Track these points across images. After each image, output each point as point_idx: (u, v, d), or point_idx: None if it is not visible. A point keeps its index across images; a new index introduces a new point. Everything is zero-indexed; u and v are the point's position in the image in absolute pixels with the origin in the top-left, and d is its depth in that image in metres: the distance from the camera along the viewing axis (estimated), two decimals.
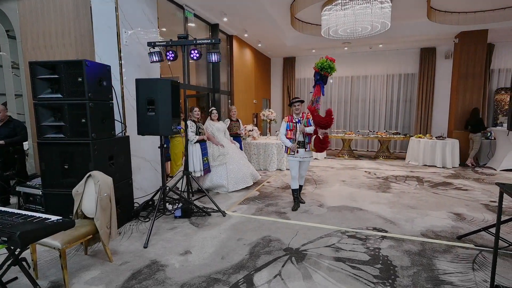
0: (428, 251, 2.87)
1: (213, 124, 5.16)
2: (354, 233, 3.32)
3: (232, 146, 5.28)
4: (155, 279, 2.42)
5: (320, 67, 4.04)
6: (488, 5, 6.31)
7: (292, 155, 4.04)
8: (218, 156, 4.96)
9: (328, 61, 4.04)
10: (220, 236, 3.25)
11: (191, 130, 4.59)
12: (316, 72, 4.13)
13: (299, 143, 4.01)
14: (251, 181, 5.24)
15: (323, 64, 4.02)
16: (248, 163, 5.44)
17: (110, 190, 2.67)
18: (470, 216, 3.82)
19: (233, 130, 5.94)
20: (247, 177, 5.14)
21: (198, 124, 4.77)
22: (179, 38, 3.80)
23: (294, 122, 4.06)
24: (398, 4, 5.99)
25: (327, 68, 4.03)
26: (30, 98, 4.95)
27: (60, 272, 2.51)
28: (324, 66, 4.02)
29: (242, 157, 5.35)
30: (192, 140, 4.58)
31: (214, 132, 5.12)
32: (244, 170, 5.12)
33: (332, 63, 4.07)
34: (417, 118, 9.25)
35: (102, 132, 3.17)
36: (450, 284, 2.33)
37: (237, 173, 5.01)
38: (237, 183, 4.99)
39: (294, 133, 4.02)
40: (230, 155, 5.04)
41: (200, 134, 4.73)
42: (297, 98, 4.11)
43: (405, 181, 5.79)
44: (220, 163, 4.95)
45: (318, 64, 4.07)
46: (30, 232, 1.71)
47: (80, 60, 2.90)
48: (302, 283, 2.35)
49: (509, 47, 8.14)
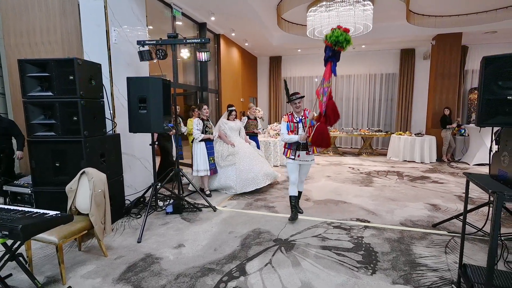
0: (406, 238, 3.11)
1: (226, 122, 4.96)
2: (339, 224, 3.53)
3: (245, 146, 5.01)
4: (150, 271, 2.51)
5: (335, 41, 3.06)
6: (462, 9, 6.72)
7: (291, 158, 3.58)
8: (227, 156, 4.76)
9: (344, 32, 3.08)
10: (212, 230, 3.36)
11: (197, 128, 4.47)
12: (327, 47, 3.17)
13: (300, 146, 3.54)
14: (264, 182, 4.80)
15: (338, 37, 3.04)
16: (262, 162, 5.03)
17: (104, 186, 2.73)
18: (444, 207, 4.12)
19: (250, 129, 5.73)
20: (259, 178, 4.75)
21: (206, 122, 4.58)
22: (168, 37, 3.86)
23: (295, 122, 3.55)
24: (380, 7, 6.26)
25: (342, 42, 3.07)
26: (15, 96, 4.86)
27: (55, 268, 2.56)
28: (339, 40, 3.06)
29: (256, 157, 4.97)
30: (197, 138, 4.48)
31: (227, 131, 4.92)
32: (256, 170, 4.76)
33: (348, 35, 3.11)
34: (398, 116, 9.66)
35: (93, 130, 3.20)
36: (425, 266, 2.56)
37: (247, 173, 4.71)
38: (246, 185, 4.69)
39: (296, 134, 3.53)
40: (241, 155, 4.80)
41: (207, 133, 4.55)
42: (297, 94, 3.54)
43: (386, 175, 6.09)
44: (229, 163, 4.76)
45: (331, 37, 3.06)
46: (32, 226, 1.77)
47: (72, 58, 2.93)
48: (291, 269, 2.51)
49: (482, 49, 8.65)
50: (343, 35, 3.03)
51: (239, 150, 4.83)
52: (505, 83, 2.58)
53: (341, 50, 3.14)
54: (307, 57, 10.32)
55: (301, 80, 10.66)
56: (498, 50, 8.36)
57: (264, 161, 5.14)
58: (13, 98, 4.93)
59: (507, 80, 2.54)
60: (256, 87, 11.13)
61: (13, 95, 4.92)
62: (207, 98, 7.02)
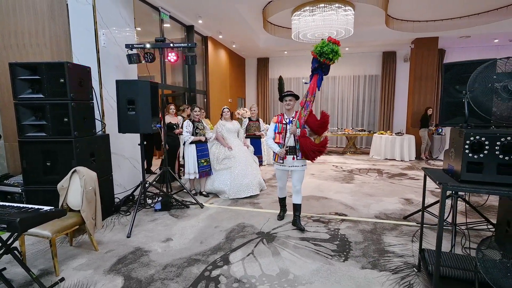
0: (379, 229, 3.38)
1: (224, 124, 4.80)
2: (319, 217, 3.77)
3: (242, 149, 4.82)
4: (140, 263, 2.68)
5: (320, 52, 2.97)
6: (438, 15, 7.11)
7: (279, 164, 3.38)
8: (223, 159, 4.62)
9: (330, 43, 2.96)
10: (199, 225, 3.55)
11: (187, 130, 4.43)
12: (314, 59, 3.09)
13: (289, 149, 3.30)
14: (257, 190, 4.71)
15: (323, 48, 2.95)
16: (257, 170, 4.89)
17: (94, 184, 2.88)
18: (417, 201, 4.43)
19: (251, 131, 5.36)
20: (253, 185, 4.62)
21: (197, 124, 4.52)
22: (156, 41, 4.01)
23: (284, 123, 3.32)
24: (360, 12, 6.56)
25: (328, 54, 2.95)
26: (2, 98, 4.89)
27: (47, 262, 2.70)
28: (324, 51, 2.94)
29: (251, 163, 4.81)
30: (186, 140, 4.45)
31: (224, 133, 4.78)
32: (250, 177, 4.62)
33: (336, 46, 2.98)
34: (380, 116, 10.05)
35: (83, 130, 3.33)
36: (393, 253, 2.82)
37: (241, 179, 4.55)
38: (239, 191, 4.53)
39: (283, 136, 3.29)
40: (237, 159, 4.63)
41: (197, 134, 4.48)
42: (290, 92, 3.36)
43: (367, 173, 6.40)
44: (224, 166, 4.62)
45: (317, 48, 3.01)
46: (29, 219, 1.91)
47: (62, 62, 3.06)
48: (271, 258, 2.73)
49: (457, 52, 9.13)
50: (329, 46, 2.93)
51: (236, 154, 4.66)
52: (462, 87, 2.89)
53: (328, 62, 3.05)
54: (294, 59, 10.59)
55: (288, 81, 10.91)
56: (472, 53, 8.86)
57: (258, 169, 4.97)
58: (1, 100, 4.96)
59: (463, 84, 2.85)
60: (244, 87, 11.33)
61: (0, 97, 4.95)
62: (195, 99, 7.18)
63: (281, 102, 3.43)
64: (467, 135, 1.84)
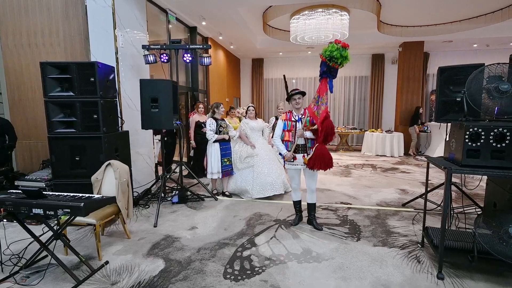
0: (382, 215, 3.76)
1: (247, 122, 4.70)
2: (327, 206, 4.12)
3: (266, 148, 4.73)
4: (174, 247, 2.92)
5: (329, 56, 2.94)
6: (424, 21, 7.67)
7: (291, 163, 3.27)
8: (245, 157, 4.51)
9: (340, 47, 2.93)
10: (218, 215, 3.81)
11: (210, 129, 4.38)
12: (322, 62, 3.05)
13: (298, 148, 3.22)
14: (282, 189, 4.53)
15: (332, 52, 2.91)
16: (282, 169, 4.68)
17: (127, 176, 3.08)
18: (411, 191, 4.88)
19: None
20: (277, 184, 4.47)
21: (220, 122, 4.47)
22: (172, 42, 4.23)
23: (294, 120, 3.25)
24: (354, 17, 6.99)
25: (338, 58, 2.92)
26: (12, 97, 4.93)
27: (86, 249, 2.89)
28: (334, 56, 2.91)
29: (276, 162, 4.68)
30: (210, 139, 4.41)
31: (247, 131, 4.67)
32: (274, 175, 4.49)
33: (345, 50, 2.95)
34: (370, 114, 10.59)
35: (109, 127, 3.51)
36: (398, 233, 3.21)
37: (264, 177, 4.43)
38: (263, 190, 4.39)
39: (293, 134, 3.22)
40: (260, 157, 4.53)
41: (221, 133, 4.43)
42: (297, 90, 3.30)
43: (362, 168, 6.85)
44: (247, 165, 4.52)
45: (326, 51, 2.97)
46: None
47: (93, 62, 3.24)
48: (293, 240, 3.04)
49: (440, 56, 9.79)
50: (339, 51, 2.90)
51: (259, 152, 4.57)
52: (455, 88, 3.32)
53: (336, 67, 2.99)
54: (288, 60, 10.96)
55: (282, 81, 11.27)
56: (454, 56, 9.54)
57: (282, 169, 4.69)
58: (10, 99, 5.00)
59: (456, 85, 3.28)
60: (239, 87, 11.59)
61: (10, 96, 4.99)
62: (198, 98, 7.38)
63: (289, 102, 3.34)
64: (467, 127, 2.21)
